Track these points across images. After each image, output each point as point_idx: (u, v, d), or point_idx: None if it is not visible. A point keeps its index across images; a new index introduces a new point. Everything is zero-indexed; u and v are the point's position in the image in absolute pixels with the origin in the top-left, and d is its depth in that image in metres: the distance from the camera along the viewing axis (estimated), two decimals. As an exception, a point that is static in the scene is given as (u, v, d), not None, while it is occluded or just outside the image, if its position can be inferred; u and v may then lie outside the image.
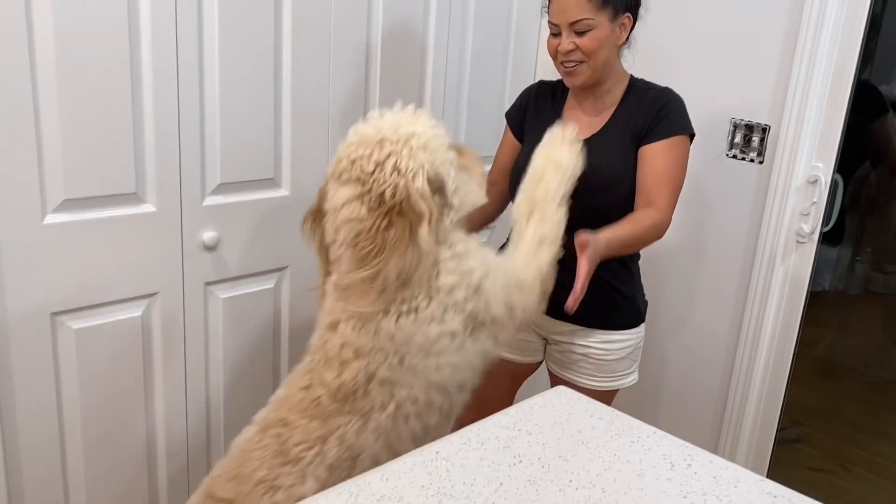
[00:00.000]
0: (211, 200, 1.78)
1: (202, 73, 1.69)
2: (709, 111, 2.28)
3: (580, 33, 1.62)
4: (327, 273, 1.48)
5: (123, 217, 1.65)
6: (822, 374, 3.28)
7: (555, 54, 1.67)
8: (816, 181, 2.11)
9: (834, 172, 2.13)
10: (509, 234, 1.67)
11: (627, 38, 1.72)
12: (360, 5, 1.92)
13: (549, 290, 1.58)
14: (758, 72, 2.17)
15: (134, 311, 1.72)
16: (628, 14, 1.68)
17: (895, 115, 2.76)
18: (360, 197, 1.33)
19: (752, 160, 2.22)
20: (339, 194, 1.36)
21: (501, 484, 0.97)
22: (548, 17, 1.68)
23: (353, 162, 1.35)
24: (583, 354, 1.81)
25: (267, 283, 1.95)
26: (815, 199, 2.12)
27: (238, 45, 1.72)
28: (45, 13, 1.44)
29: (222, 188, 1.79)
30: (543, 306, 1.59)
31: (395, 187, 1.31)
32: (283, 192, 1.91)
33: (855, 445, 3.02)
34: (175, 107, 1.66)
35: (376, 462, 1.34)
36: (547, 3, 1.70)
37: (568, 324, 1.80)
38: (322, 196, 1.46)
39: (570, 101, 1.81)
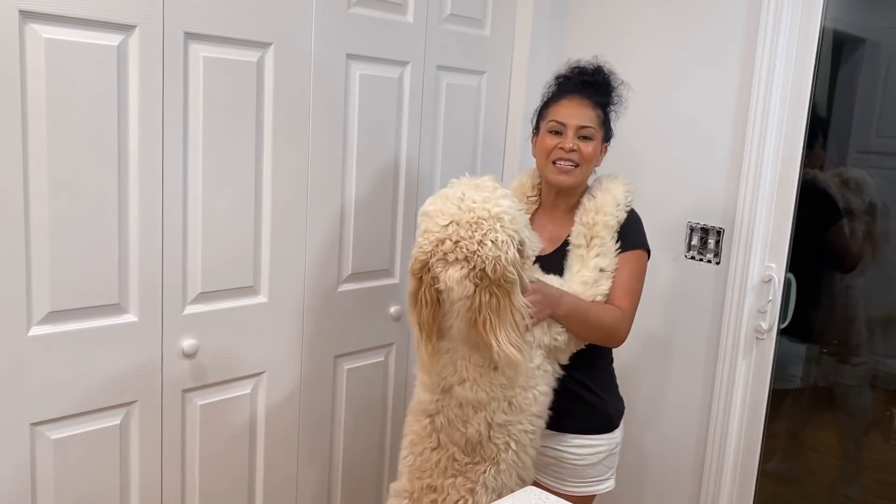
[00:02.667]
0: (191, 309, 1.84)
1: (186, 186, 1.78)
2: (667, 215, 2.41)
3: (583, 139, 1.77)
4: (429, 340, 1.64)
5: (106, 327, 1.70)
6: (796, 468, 3.31)
7: (549, 153, 1.77)
8: (770, 280, 2.23)
9: (786, 272, 2.24)
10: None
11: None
12: (337, 122, 2.05)
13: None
14: (710, 178, 2.32)
15: (112, 420, 1.75)
16: (607, 144, 1.86)
17: (848, 220, 2.90)
18: (468, 274, 1.52)
19: (709, 261, 2.34)
20: (451, 275, 1.53)
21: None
22: (547, 118, 1.81)
23: (457, 243, 1.52)
24: (555, 458, 1.85)
25: (244, 389, 1.99)
26: (770, 298, 2.23)
27: (221, 160, 1.83)
28: (39, 131, 1.54)
29: (203, 297, 1.86)
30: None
31: (496, 261, 1.51)
32: (261, 298, 1.98)
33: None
34: (159, 220, 1.74)
35: None
36: (543, 106, 1.85)
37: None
38: (420, 277, 1.59)
39: (536, 218, 1.90)
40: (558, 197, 1.85)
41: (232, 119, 1.83)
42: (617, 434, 1.89)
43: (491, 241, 1.50)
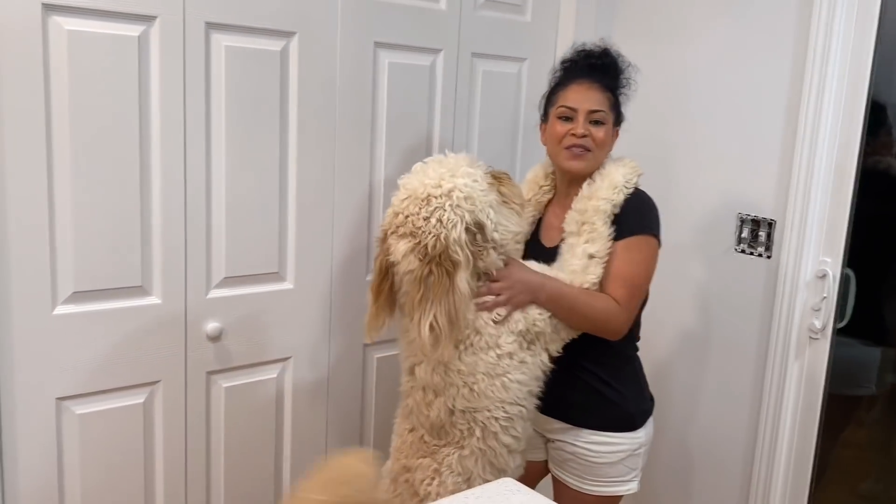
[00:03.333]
0: (215, 293, 1.89)
1: (209, 173, 1.83)
2: (716, 206, 2.29)
3: (595, 123, 1.71)
4: (388, 314, 1.68)
5: (129, 308, 1.76)
6: (875, 479, 3.08)
7: (561, 139, 1.72)
8: (825, 276, 2.08)
9: (843, 267, 2.09)
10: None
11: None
12: (365, 111, 2.06)
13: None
14: (761, 167, 2.18)
15: (136, 398, 1.81)
16: (618, 128, 1.78)
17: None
18: (413, 249, 1.53)
19: (760, 255, 2.21)
20: (398, 248, 1.56)
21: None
22: (556, 103, 1.76)
23: (407, 217, 1.55)
24: (572, 454, 1.80)
25: (270, 373, 2.02)
26: (825, 295, 2.08)
27: (244, 149, 1.86)
28: (62, 120, 1.61)
29: (227, 281, 1.90)
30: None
31: (437, 238, 1.50)
32: (287, 285, 2.01)
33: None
34: (182, 206, 1.79)
35: (486, 481, 1.58)
36: (551, 91, 1.80)
37: (558, 421, 1.81)
38: (382, 248, 1.64)
39: (550, 209, 1.87)
40: (571, 185, 1.78)
41: (255, 108, 1.87)
42: (641, 434, 1.80)
43: (437, 218, 1.50)
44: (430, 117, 2.20)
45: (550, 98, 1.78)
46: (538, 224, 1.86)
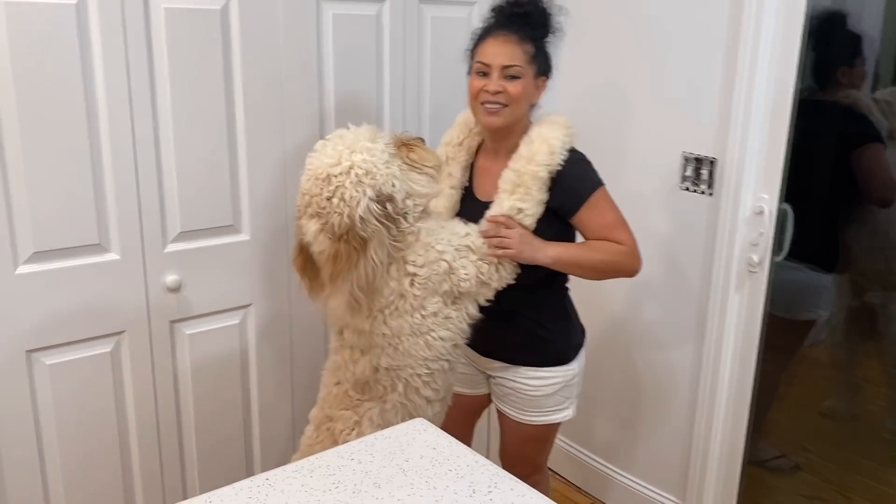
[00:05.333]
0: (172, 247, 1.98)
1: (157, 132, 1.90)
2: (662, 145, 2.35)
3: (510, 78, 1.73)
4: (319, 290, 1.70)
5: (89, 265, 1.87)
6: (830, 397, 3.21)
7: (478, 94, 1.75)
8: (762, 212, 2.15)
9: (781, 202, 2.15)
10: None
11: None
12: (310, 64, 2.10)
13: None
14: (703, 106, 2.23)
15: (104, 348, 1.94)
16: (544, 78, 1.80)
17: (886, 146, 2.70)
18: (322, 229, 1.56)
19: (703, 192, 2.28)
20: (308, 229, 1.59)
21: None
22: (475, 58, 1.78)
23: (312, 198, 1.58)
24: (511, 389, 1.92)
25: (232, 320, 2.14)
26: (762, 230, 2.16)
27: (190, 107, 1.93)
28: (7, 92, 1.68)
29: (183, 236, 1.99)
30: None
31: (341, 216, 1.53)
32: (243, 236, 2.10)
33: (860, 473, 2.95)
34: (132, 166, 1.87)
35: None
36: (472, 45, 1.82)
37: (496, 361, 1.93)
38: (299, 229, 1.67)
39: (482, 156, 1.91)
40: (495, 140, 1.83)
41: (199, 67, 1.92)
42: (574, 366, 1.92)
43: (339, 196, 1.50)
44: (378, 68, 2.24)
45: (472, 52, 1.80)
46: (471, 172, 1.91)
